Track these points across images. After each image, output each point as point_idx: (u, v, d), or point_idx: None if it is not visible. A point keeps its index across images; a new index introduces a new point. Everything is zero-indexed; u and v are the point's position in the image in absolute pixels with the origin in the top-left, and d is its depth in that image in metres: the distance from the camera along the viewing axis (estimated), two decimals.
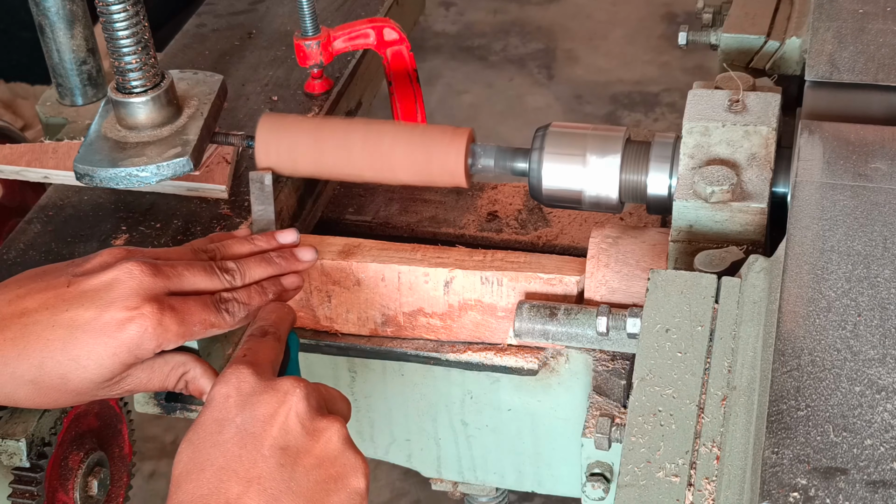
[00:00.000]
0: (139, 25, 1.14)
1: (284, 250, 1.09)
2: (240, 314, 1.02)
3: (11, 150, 1.29)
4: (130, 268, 0.97)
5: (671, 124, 3.48)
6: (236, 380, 0.92)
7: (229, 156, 1.27)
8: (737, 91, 1.11)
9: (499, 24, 4.03)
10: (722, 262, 1.01)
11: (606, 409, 1.11)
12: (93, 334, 0.94)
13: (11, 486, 1.01)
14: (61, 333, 0.94)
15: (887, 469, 0.75)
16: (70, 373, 0.94)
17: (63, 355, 0.94)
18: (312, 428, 0.90)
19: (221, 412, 0.91)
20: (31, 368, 0.94)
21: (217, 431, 0.90)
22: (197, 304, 0.99)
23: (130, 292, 0.96)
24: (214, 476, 0.87)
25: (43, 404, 0.97)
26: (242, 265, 1.05)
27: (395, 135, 1.18)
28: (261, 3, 1.60)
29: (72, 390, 0.96)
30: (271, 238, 1.10)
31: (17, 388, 0.95)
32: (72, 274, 0.98)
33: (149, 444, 2.61)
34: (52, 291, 0.96)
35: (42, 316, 0.95)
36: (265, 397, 0.91)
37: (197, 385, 1.01)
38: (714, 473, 0.84)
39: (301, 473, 0.88)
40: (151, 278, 0.97)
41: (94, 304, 0.95)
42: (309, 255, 1.10)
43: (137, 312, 0.95)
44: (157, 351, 0.97)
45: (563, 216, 1.31)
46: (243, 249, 1.07)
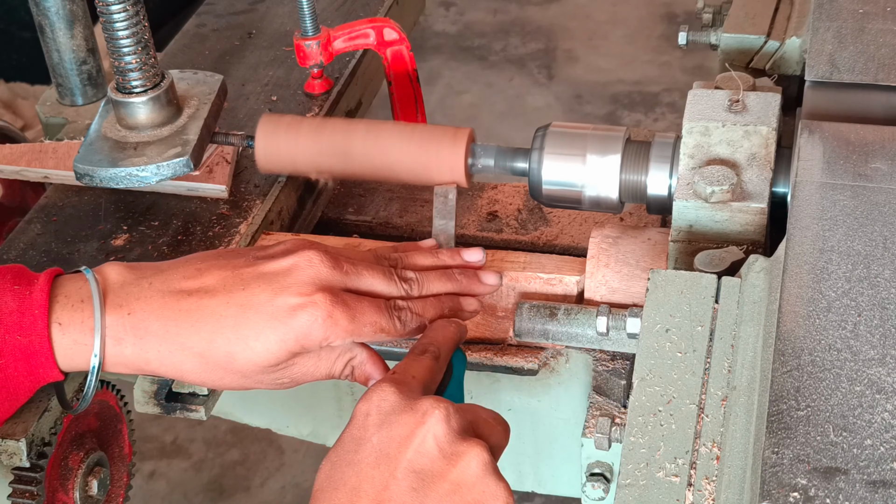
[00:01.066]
0: (139, 25, 1.14)
1: (468, 270, 1.08)
2: (411, 324, 1.00)
3: (11, 150, 1.29)
4: (311, 256, 0.97)
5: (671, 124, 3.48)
6: (378, 398, 0.90)
7: (229, 156, 1.27)
8: (737, 91, 1.11)
9: (499, 24, 4.03)
10: (722, 262, 1.01)
11: (606, 409, 1.11)
12: (264, 316, 0.94)
13: (11, 486, 1.01)
14: (234, 311, 0.94)
15: (887, 469, 0.75)
16: (237, 352, 0.94)
17: (233, 333, 0.94)
18: (451, 452, 0.87)
19: (360, 431, 0.89)
20: (201, 341, 0.94)
21: (354, 450, 0.88)
22: (371, 305, 0.98)
23: (307, 279, 0.96)
24: (346, 496, 0.86)
25: (207, 381, 0.97)
26: (422, 277, 1.03)
27: (396, 135, 1.19)
28: (261, 3, 1.60)
29: (236, 370, 0.96)
30: (456, 254, 1.08)
31: (186, 359, 0.95)
32: (253, 256, 0.98)
33: (149, 444, 2.62)
34: (231, 270, 0.97)
35: (218, 292, 0.95)
36: (404, 417, 0.88)
37: (363, 371, 1.01)
38: (714, 473, 0.84)
39: (433, 499, 0.85)
40: (330, 270, 0.97)
41: (270, 286, 0.95)
42: (493, 279, 1.08)
43: (310, 300, 0.94)
44: (323, 344, 0.96)
45: (563, 216, 1.31)
46: (426, 262, 1.06)
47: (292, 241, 1.00)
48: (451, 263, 1.07)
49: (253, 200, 1.24)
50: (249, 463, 2.57)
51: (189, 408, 1.12)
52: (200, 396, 1.11)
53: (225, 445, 2.61)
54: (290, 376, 0.98)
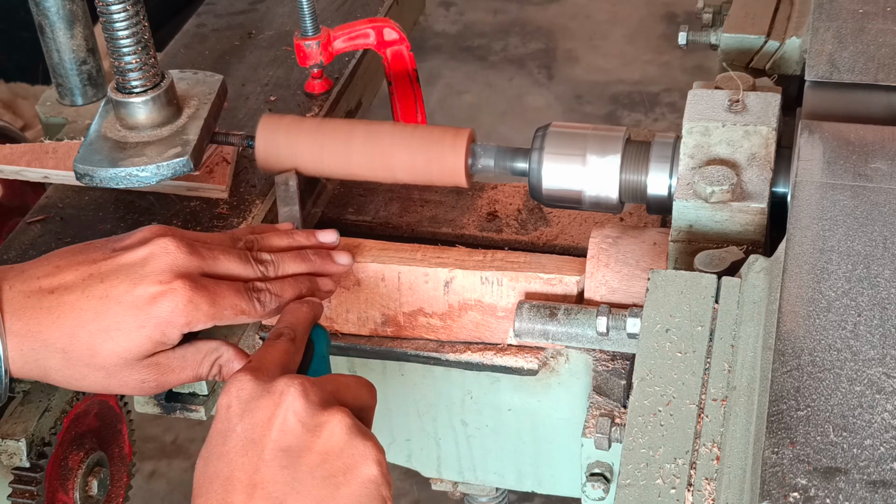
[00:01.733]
0: (139, 25, 1.14)
1: (322, 250, 1.10)
2: (270, 305, 1.02)
3: (11, 150, 1.29)
4: (166, 244, 0.98)
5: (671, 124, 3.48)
6: (236, 388, 0.91)
7: (229, 156, 1.27)
8: (737, 91, 1.11)
9: (499, 24, 4.03)
10: (722, 262, 1.01)
11: (606, 409, 1.11)
12: (124, 306, 0.96)
13: (11, 486, 1.01)
14: (94, 304, 0.96)
15: (887, 469, 0.75)
16: (99, 344, 0.95)
17: (94, 325, 0.95)
18: (313, 424, 0.89)
19: (224, 423, 0.90)
20: (62, 337, 0.95)
21: (221, 443, 0.90)
22: (230, 288, 0.99)
23: (164, 267, 0.97)
24: (221, 487, 0.87)
25: (71, 380, 0.98)
26: (277, 258, 1.05)
27: (396, 135, 1.19)
28: (261, 3, 1.60)
29: (100, 365, 0.96)
30: (311, 235, 1.11)
31: (49, 357, 0.96)
32: (110, 249, 1.00)
33: (149, 444, 2.62)
34: (88, 265, 0.98)
35: (78, 288, 0.97)
36: (262, 401, 0.90)
37: (230, 368, 1.02)
38: (714, 473, 0.84)
39: (305, 472, 0.87)
40: (186, 256, 0.98)
41: (128, 277, 0.96)
42: (345, 259, 1.11)
43: (169, 287, 0.96)
44: (185, 330, 0.97)
45: (563, 216, 1.31)
46: (281, 242, 1.08)
47: (148, 229, 1.01)
48: (306, 243, 1.10)
49: (253, 200, 1.24)
50: None
51: (189, 408, 1.12)
52: (200, 396, 1.11)
53: None
54: (154, 376, 0.99)
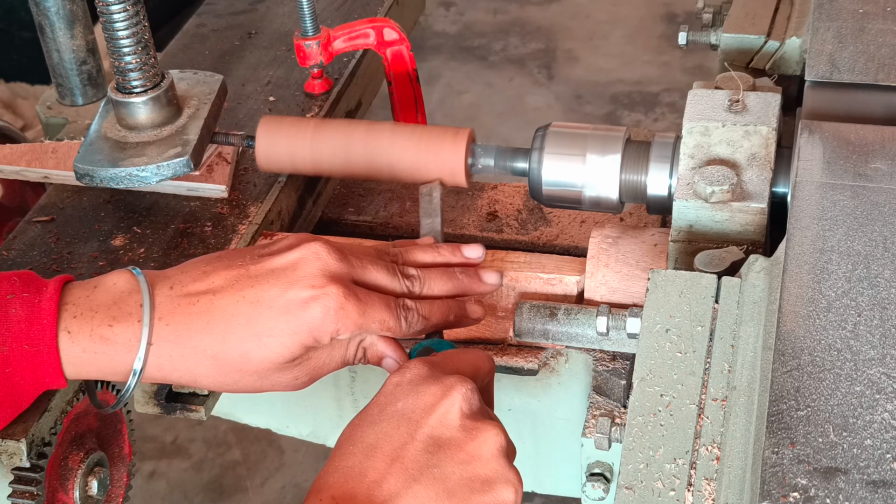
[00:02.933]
0: (139, 25, 1.14)
1: (468, 269, 1.07)
2: (416, 326, 1.00)
3: (11, 150, 1.29)
4: (318, 248, 0.96)
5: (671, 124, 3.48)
6: (410, 371, 0.92)
7: (229, 156, 1.27)
8: (737, 91, 1.11)
9: (499, 24, 4.03)
10: (722, 262, 1.01)
11: (606, 409, 1.11)
12: (277, 311, 0.94)
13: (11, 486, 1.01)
14: (245, 309, 0.94)
15: (887, 469, 0.75)
16: (251, 350, 0.94)
17: (246, 331, 0.93)
18: (472, 426, 0.89)
19: (387, 397, 0.90)
20: (213, 343, 0.93)
21: (377, 413, 0.89)
22: (380, 301, 0.97)
23: (317, 272, 0.95)
24: (362, 451, 0.87)
25: (223, 385, 0.96)
26: (424, 274, 1.03)
27: (395, 134, 1.19)
28: (261, 3, 1.60)
29: (252, 370, 0.95)
30: (456, 249, 1.07)
31: (199, 363, 0.94)
32: (257, 255, 0.98)
33: (149, 444, 2.62)
34: (237, 269, 0.96)
35: (228, 292, 0.94)
36: (431, 388, 0.90)
37: (375, 351, 1.01)
38: (714, 473, 0.84)
39: (447, 464, 0.87)
40: (337, 262, 0.96)
41: (280, 281, 0.95)
42: (494, 278, 1.08)
43: (322, 292, 0.94)
44: (334, 336, 0.95)
45: (563, 216, 1.31)
46: (426, 258, 1.06)
47: (294, 236, 1.00)
48: (452, 259, 1.07)
49: (252, 200, 1.24)
50: (249, 463, 2.57)
51: (189, 408, 1.12)
52: (200, 396, 1.11)
53: (225, 445, 2.61)
54: (306, 373, 0.98)
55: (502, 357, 1.16)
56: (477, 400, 0.91)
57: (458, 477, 0.87)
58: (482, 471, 0.88)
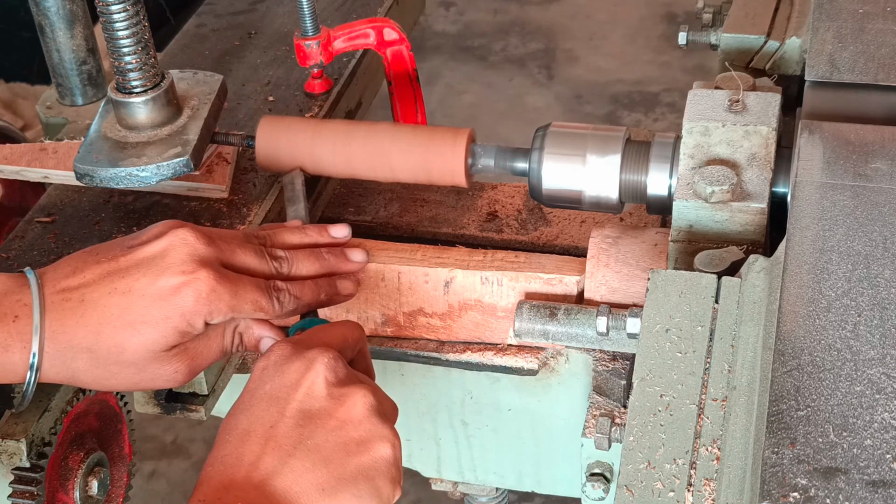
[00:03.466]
0: (139, 25, 1.14)
1: (335, 248, 1.09)
2: (289, 306, 1.02)
3: (11, 150, 1.29)
4: (185, 234, 0.98)
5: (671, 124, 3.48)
6: (274, 353, 0.93)
7: (229, 156, 1.27)
8: (737, 91, 1.11)
9: (499, 24, 4.03)
10: (722, 262, 1.01)
11: (606, 409, 1.11)
12: (149, 299, 0.95)
13: (11, 486, 1.01)
14: (118, 300, 0.95)
15: (887, 469, 0.75)
16: (126, 340, 0.95)
17: (119, 321, 0.95)
18: (338, 393, 0.90)
19: (255, 382, 0.92)
20: (88, 335, 0.95)
21: (248, 399, 0.91)
22: (251, 283, 0.99)
23: (185, 257, 0.96)
24: (237, 438, 0.88)
25: (101, 379, 0.97)
26: (291, 255, 1.05)
27: (396, 135, 1.19)
28: (261, 3, 1.60)
29: (128, 361, 0.96)
30: (323, 230, 1.10)
31: (76, 358, 0.95)
32: (126, 246, 0.99)
33: (149, 444, 2.62)
34: (108, 263, 0.97)
35: (99, 285, 0.96)
36: (294, 364, 0.91)
37: (251, 334, 1.02)
38: (714, 473, 0.84)
39: (320, 433, 0.88)
40: (205, 246, 0.98)
41: (150, 270, 0.96)
42: (359, 256, 1.11)
43: (193, 277, 0.96)
44: (207, 319, 0.97)
45: (563, 216, 1.31)
46: (293, 239, 1.08)
47: (162, 224, 1.01)
48: (319, 239, 1.09)
49: (253, 200, 1.24)
50: None
51: (189, 408, 1.12)
52: (200, 396, 1.11)
53: None
54: (185, 364, 0.99)
55: (502, 357, 1.16)
56: (342, 367, 0.92)
57: (331, 444, 0.88)
58: (355, 433, 0.89)
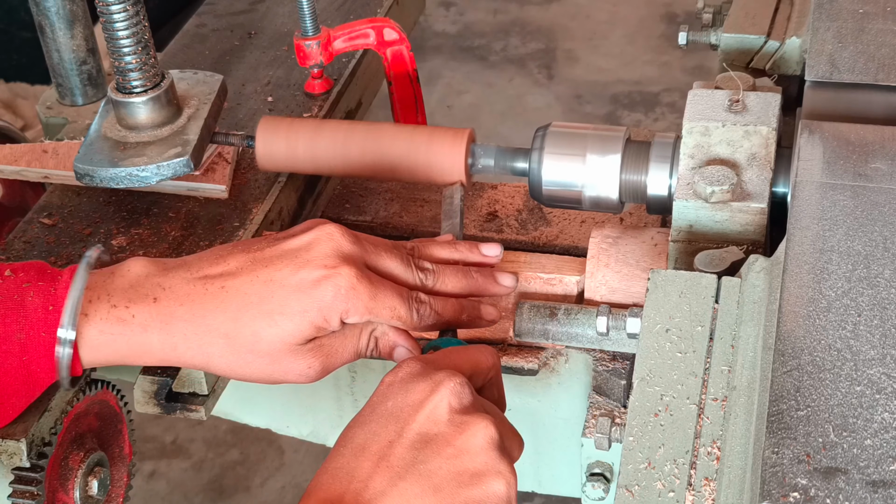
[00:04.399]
0: (139, 25, 1.14)
1: (484, 269, 1.07)
2: (428, 320, 1.00)
3: (11, 150, 1.29)
4: (331, 230, 0.98)
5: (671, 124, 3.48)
6: (403, 369, 0.91)
7: (229, 156, 1.27)
8: (737, 91, 1.11)
9: (499, 24, 4.03)
10: (722, 262, 1.01)
11: (606, 409, 1.11)
12: (288, 290, 0.95)
13: (11, 486, 1.01)
14: (258, 288, 0.95)
15: (887, 469, 0.75)
16: (262, 329, 0.95)
17: (257, 309, 0.95)
18: (460, 420, 0.88)
19: (379, 397, 0.91)
20: (226, 321, 0.95)
21: (369, 413, 0.90)
22: (393, 289, 0.98)
23: (329, 252, 0.96)
24: (351, 452, 0.87)
25: (234, 366, 0.97)
26: (439, 269, 1.03)
27: (396, 135, 1.19)
28: (261, 3, 1.60)
29: (263, 351, 0.95)
30: (474, 247, 1.08)
31: (212, 342, 0.95)
32: (273, 239, 0.99)
33: (149, 444, 2.62)
34: (252, 253, 0.98)
35: (242, 274, 0.96)
36: (420, 385, 0.89)
37: (386, 341, 1.01)
38: (714, 473, 0.84)
39: (434, 459, 0.86)
40: (351, 244, 0.98)
41: (293, 262, 0.96)
42: (509, 280, 1.08)
43: (335, 271, 0.95)
44: (344, 317, 0.96)
45: (563, 216, 1.31)
46: (442, 253, 1.06)
47: (310, 221, 1.01)
48: (469, 256, 1.07)
49: (253, 201, 1.24)
50: (249, 463, 2.57)
51: (189, 408, 1.12)
52: (200, 396, 1.11)
53: (225, 445, 2.61)
54: (319, 361, 0.98)
55: (502, 357, 1.16)
56: (468, 394, 0.89)
57: (445, 472, 0.86)
58: (471, 464, 0.87)
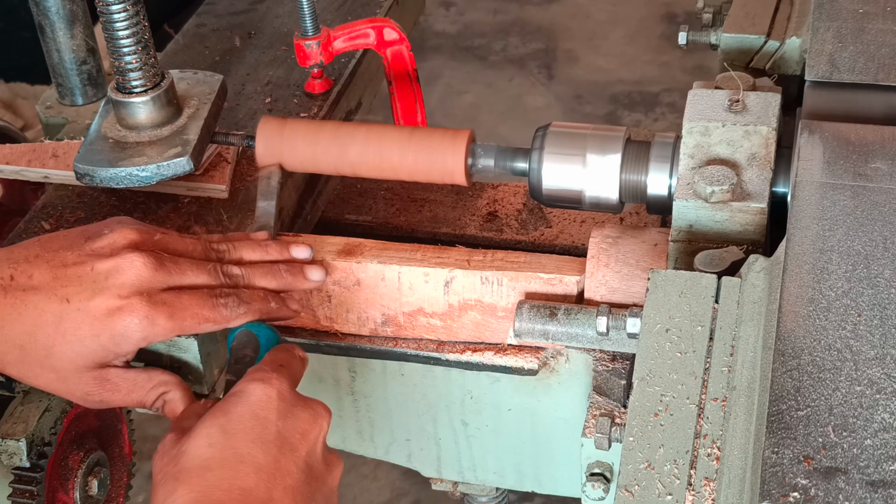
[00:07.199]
0: (139, 25, 1.14)
1: (294, 265, 1.09)
2: (237, 310, 1.02)
3: (11, 150, 1.29)
4: (133, 259, 0.99)
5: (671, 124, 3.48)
6: (279, 385, 0.94)
7: (229, 156, 1.27)
8: (737, 91, 1.11)
9: (499, 24, 4.03)
10: (722, 262, 1.01)
11: (606, 409, 1.11)
12: (82, 314, 0.97)
13: (11, 486, 1.01)
14: (55, 307, 0.97)
15: (887, 469, 0.75)
16: (55, 346, 0.97)
17: (53, 328, 0.97)
18: (328, 459, 0.95)
19: (262, 411, 0.93)
20: (22, 334, 0.98)
21: (259, 428, 0.92)
22: (192, 298, 1.00)
23: (126, 282, 0.98)
24: (255, 474, 0.89)
25: (25, 375, 1.00)
26: (247, 272, 1.05)
27: (396, 135, 1.19)
28: (261, 3, 1.60)
29: (53, 367, 0.98)
30: (284, 249, 1.09)
31: (8, 350, 0.98)
32: (83, 251, 1.00)
33: (149, 444, 2.60)
34: (55, 268, 0.99)
35: (42, 288, 0.98)
36: (304, 413, 0.94)
37: (173, 408, 1.03)
38: (714, 473, 0.84)
39: (318, 497, 0.93)
40: (152, 272, 0.99)
41: (91, 286, 0.98)
42: (317, 274, 1.10)
43: (126, 303, 0.97)
44: (142, 344, 0.99)
45: (563, 216, 1.31)
46: (253, 256, 1.07)
47: (121, 233, 1.01)
48: (279, 258, 1.09)
49: (253, 200, 1.24)
50: None
51: None
52: (200, 396, 1.11)
53: None
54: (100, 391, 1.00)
55: (502, 357, 1.16)
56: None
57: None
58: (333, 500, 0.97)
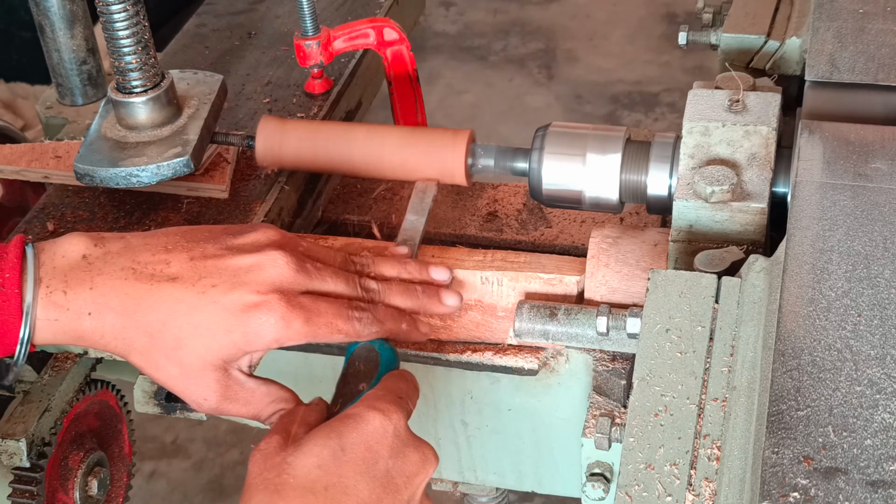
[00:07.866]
0: (139, 25, 1.14)
1: (430, 287, 1.08)
2: (370, 328, 1.01)
3: (11, 150, 1.29)
4: (276, 257, 0.98)
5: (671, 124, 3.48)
6: (397, 420, 0.93)
7: (229, 156, 1.27)
8: (737, 91, 1.11)
9: (499, 24, 4.03)
10: (722, 262, 1.01)
11: (606, 409, 1.11)
12: (219, 307, 0.95)
13: (11, 486, 1.01)
14: (191, 298, 0.95)
15: (887, 469, 0.75)
16: (186, 337, 0.95)
17: (186, 318, 0.95)
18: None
19: (377, 444, 0.91)
20: (155, 322, 0.96)
21: (369, 461, 0.90)
22: (329, 306, 0.99)
23: (266, 279, 0.96)
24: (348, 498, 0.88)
25: (149, 365, 0.97)
26: (384, 288, 1.05)
27: (396, 135, 1.19)
28: (261, 3, 1.60)
29: (180, 360, 0.96)
30: (423, 269, 1.09)
31: (138, 337, 0.96)
32: (224, 245, 0.99)
33: (149, 444, 2.62)
34: (195, 258, 0.98)
35: (179, 278, 0.96)
36: (414, 456, 0.93)
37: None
38: (714, 473, 0.84)
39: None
40: (293, 273, 0.98)
41: (230, 280, 0.96)
42: (453, 300, 1.09)
43: (264, 300, 0.95)
44: (274, 346, 0.97)
45: (563, 216, 1.31)
46: (392, 272, 1.07)
47: (264, 232, 1.01)
48: (418, 277, 1.08)
49: (253, 200, 1.24)
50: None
51: (189, 408, 1.12)
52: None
53: (225, 445, 2.61)
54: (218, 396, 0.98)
55: (502, 357, 1.16)
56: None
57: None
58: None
